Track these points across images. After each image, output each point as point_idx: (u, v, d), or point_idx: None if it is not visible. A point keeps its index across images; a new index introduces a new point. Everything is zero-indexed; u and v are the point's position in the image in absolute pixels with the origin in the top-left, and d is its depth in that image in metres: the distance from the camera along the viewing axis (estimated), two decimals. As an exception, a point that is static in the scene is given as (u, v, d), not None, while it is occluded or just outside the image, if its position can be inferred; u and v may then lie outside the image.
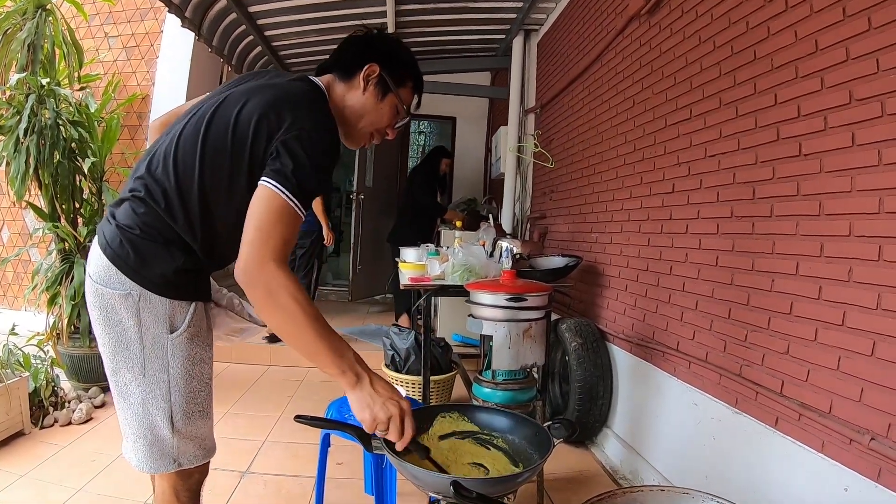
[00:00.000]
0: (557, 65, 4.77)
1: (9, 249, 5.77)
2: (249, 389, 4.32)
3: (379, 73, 1.54)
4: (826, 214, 1.81)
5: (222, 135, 1.37)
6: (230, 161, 1.37)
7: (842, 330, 1.73)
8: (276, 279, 1.23)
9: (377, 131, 1.63)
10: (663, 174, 2.84)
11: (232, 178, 1.38)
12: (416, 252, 3.67)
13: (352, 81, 1.56)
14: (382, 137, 1.67)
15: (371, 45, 1.58)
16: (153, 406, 1.42)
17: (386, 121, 1.62)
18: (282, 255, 1.26)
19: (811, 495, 1.80)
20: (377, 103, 1.57)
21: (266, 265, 1.23)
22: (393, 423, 1.25)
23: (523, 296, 2.20)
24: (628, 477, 2.95)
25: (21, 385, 3.19)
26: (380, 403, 1.25)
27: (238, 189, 1.38)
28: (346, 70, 1.57)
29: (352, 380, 1.26)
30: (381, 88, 1.56)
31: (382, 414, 1.24)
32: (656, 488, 1.24)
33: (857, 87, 1.70)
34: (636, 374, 3.04)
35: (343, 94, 1.57)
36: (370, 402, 1.25)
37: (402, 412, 1.26)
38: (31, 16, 3.90)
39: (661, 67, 2.90)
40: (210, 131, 1.38)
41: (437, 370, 3.80)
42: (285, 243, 1.27)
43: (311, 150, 1.33)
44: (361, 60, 1.54)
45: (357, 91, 1.56)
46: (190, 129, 1.42)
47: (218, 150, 1.37)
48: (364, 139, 1.64)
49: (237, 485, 2.78)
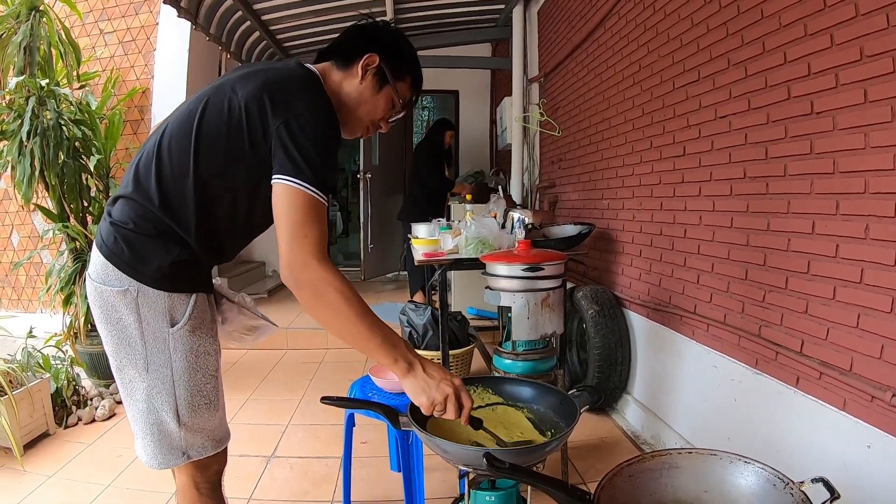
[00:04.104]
0: (559, 32, 4.72)
1: (20, 253, 5.82)
2: (268, 375, 4.38)
3: (378, 63, 1.53)
4: (840, 172, 1.80)
5: (216, 122, 1.37)
6: (226, 148, 1.37)
7: (860, 287, 1.73)
8: (322, 277, 1.26)
9: (371, 123, 1.62)
10: (673, 137, 2.82)
11: (229, 166, 1.38)
12: (428, 227, 3.67)
13: (350, 69, 1.54)
14: (376, 130, 1.65)
15: (373, 35, 1.57)
16: (158, 401, 1.43)
17: (380, 113, 1.60)
18: (321, 250, 1.28)
19: (834, 453, 1.81)
20: (373, 94, 1.56)
21: (309, 264, 1.26)
22: (450, 403, 1.28)
23: (540, 265, 2.21)
24: (650, 442, 2.97)
25: (43, 387, 3.24)
26: (434, 386, 1.28)
27: (235, 175, 1.38)
28: (345, 58, 1.55)
29: (404, 367, 1.30)
30: (379, 79, 1.55)
31: (439, 395, 1.28)
32: (684, 451, 1.25)
33: (867, 43, 1.67)
34: (654, 339, 3.06)
35: (340, 82, 1.55)
36: (425, 386, 1.29)
37: (457, 390, 1.30)
38: (25, 18, 3.86)
39: (666, 30, 2.87)
40: (203, 120, 1.37)
41: (456, 344, 3.83)
42: (321, 236, 1.29)
43: (312, 135, 1.33)
44: (362, 49, 1.53)
45: (354, 80, 1.54)
46: (179, 120, 1.42)
47: (212, 137, 1.37)
48: (360, 129, 1.63)
49: (263, 470, 2.83)
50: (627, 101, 3.36)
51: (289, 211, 1.28)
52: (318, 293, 1.26)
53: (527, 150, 5.61)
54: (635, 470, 1.23)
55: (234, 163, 1.37)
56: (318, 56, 1.62)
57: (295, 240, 1.27)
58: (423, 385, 1.29)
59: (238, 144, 1.36)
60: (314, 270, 1.26)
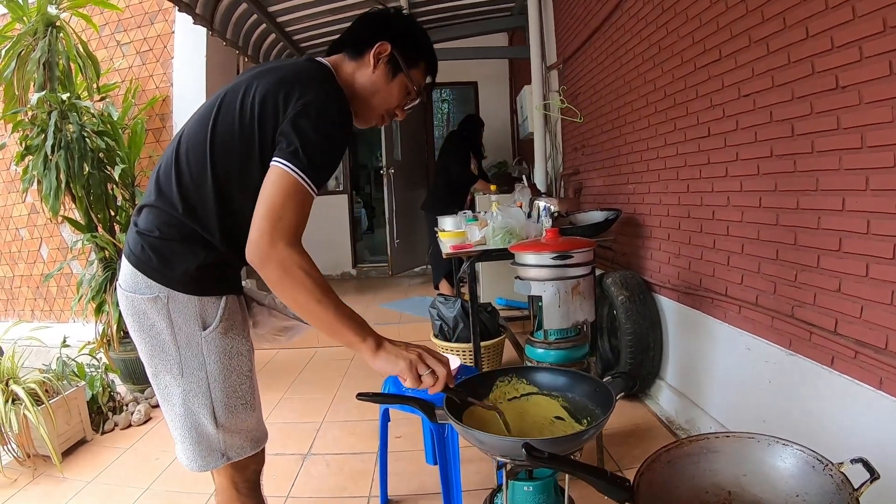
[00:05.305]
0: (576, 17, 4.68)
1: (50, 265, 5.94)
2: (300, 373, 4.43)
3: (390, 51, 1.51)
4: (868, 147, 1.77)
5: (230, 123, 1.37)
6: (240, 147, 1.37)
7: (894, 264, 1.70)
8: (288, 257, 1.25)
9: (386, 112, 1.61)
10: (697, 118, 2.79)
11: (244, 165, 1.38)
12: (454, 220, 3.68)
13: (362, 59, 1.53)
14: (392, 118, 1.65)
15: (384, 23, 1.55)
16: (195, 404, 1.45)
17: (395, 101, 1.59)
18: (294, 236, 1.27)
19: (871, 432, 1.79)
20: (387, 83, 1.54)
21: (276, 244, 1.25)
22: (426, 359, 1.29)
23: (569, 253, 2.21)
24: (685, 427, 2.96)
25: (79, 395, 3.33)
26: (402, 353, 1.29)
27: (252, 175, 1.37)
28: (356, 48, 1.54)
29: (373, 345, 1.30)
30: (392, 68, 1.53)
31: (413, 356, 1.29)
32: (722, 435, 1.25)
33: (891, 13, 1.64)
34: (685, 323, 3.04)
35: (352, 73, 1.54)
36: (395, 355, 1.29)
37: (422, 352, 1.31)
38: (43, 34, 3.93)
39: (684, 10, 2.83)
40: (218, 123, 1.39)
41: (486, 335, 3.83)
42: (297, 224, 1.28)
43: (318, 124, 1.32)
44: (373, 38, 1.51)
45: (367, 69, 1.53)
46: (194, 126, 1.43)
47: (227, 139, 1.38)
48: (374, 118, 1.62)
49: (300, 467, 2.87)
50: (649, 84, 3.33)
51: (273, 191, 1.27)
52: (285, 272, 1.25)
53: (549, 137, 5.58)
54: (673, 455, 1.24)
55: (250, 162, 1.38)
56: (330, 48, 1.61)
57: (269, 219, 1.25)
58: (393, 355, 1.29)
59: (251, 143, 1.37)
60: (281, 250, 1.24)
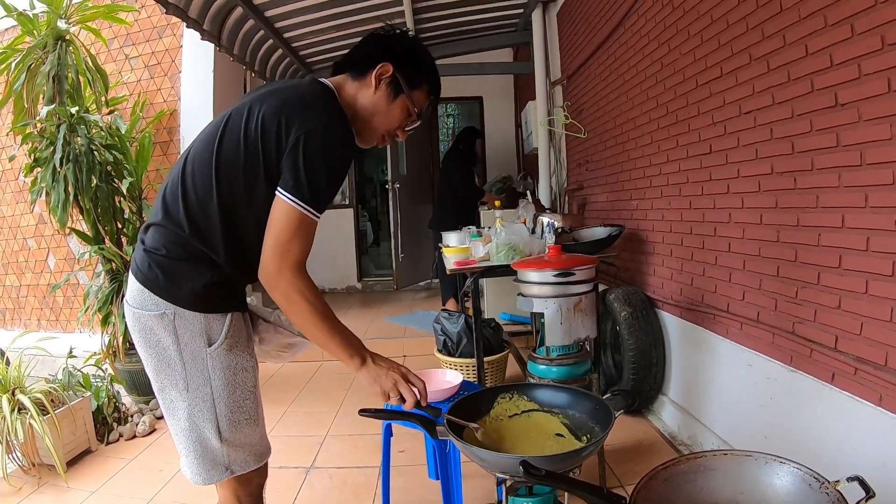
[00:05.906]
0: (579, 34, 4.71)
1: (57, 276, 5.98)
2: (304, 387, 4.44)
3: (392, 73, 1.53)
4: (868, 164, 1.78)
5: (234, 145, 1.41)
6: (244, 169, 1.40)
7: (893, 281, 1.70)
8: (292, 285, 1.39)
9: (387, 132, 1.62)
10: (699, 135, 2.81)
11: (249, 186, 1.42)
12: (459, 236, 3.71)
13: (364, 80, 1.55)
14: (392, 139, 1.66)
15: (387, 44, 1.57)
16: (199, 419, 1.47)
17: (396, 122, 1.60)
18: (299, 264, 1.40)
19: (871, 449, 1.79)
20: (388, 104, 1.56)
21: (283, 274, 1.38)
22: (401, 387, 1.44)
23: (571, 270, 2.21)
24: (687, 443, 2.96)
25: (84, 405, 3.35)
26: (383, 374, 1.44)
27: (259, 193, 1.42)
28: (359, 68, 1.55)
29: (358, 362, 1.45)
30: (394, 89, 1.55)
31: (389, 382, 1.44)
32: (719, 453, 1.26)
33: (889, 31, 1.65)
34: (688, 339, 3.04)
35: (354, 93, 1.56)
36: (376, 376, 1.45)
37: (403, 374, 1.48)
38: (52, 48, 3.99)
39: (686, 27, 2.86)
40: (223, 144, 1.42)
41: (490, 351, 3.84)
42: (303, 251, 1.41)
43: (321, 153, 1.37)
44: (376, 59, 1.53)
45: (369, 90, 1.54)
46: (200, 147, 1.46)
47: (231, 161, 1.41)
48: (376, 139, 1.63)
49: (303, 481, 2.88)
50: (651, 101, 3.35)
51: (279, 226, 1.37)
52: (288, 299, 1.40)
53: (553, 153, 5.61)
54: (670, 473, 1.25)
55: (256, 182, 1.41)
56: (334, 68, 1.63)
57: (277, 251, 1.37)
58: (374, 375, 1.45)
59: (256, 164, 1.40)
60: (287, 281, 1.38)
